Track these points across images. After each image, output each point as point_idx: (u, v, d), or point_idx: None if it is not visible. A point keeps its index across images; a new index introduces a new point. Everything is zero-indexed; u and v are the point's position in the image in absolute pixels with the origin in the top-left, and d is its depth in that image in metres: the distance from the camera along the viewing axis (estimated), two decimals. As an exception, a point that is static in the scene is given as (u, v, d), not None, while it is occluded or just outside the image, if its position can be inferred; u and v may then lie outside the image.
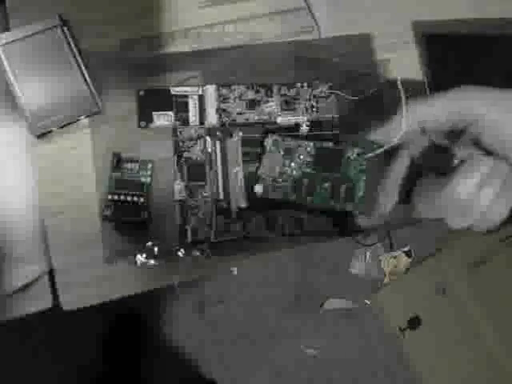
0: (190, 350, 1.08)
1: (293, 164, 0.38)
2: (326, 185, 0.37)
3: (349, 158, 0.37)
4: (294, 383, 1.12)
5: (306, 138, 0.40)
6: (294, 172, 0.37)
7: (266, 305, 1.12)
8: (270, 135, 0.38)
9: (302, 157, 0.38)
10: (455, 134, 0.33)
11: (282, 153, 0.38)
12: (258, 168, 0.38)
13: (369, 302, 1.15)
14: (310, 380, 1.12)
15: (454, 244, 1.09)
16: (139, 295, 0.40)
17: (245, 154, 0.39)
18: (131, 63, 0.41)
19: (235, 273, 1.11)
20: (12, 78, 0.39)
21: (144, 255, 0.38)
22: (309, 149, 0.38)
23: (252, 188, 0.38)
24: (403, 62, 0.44)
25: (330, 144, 0.37)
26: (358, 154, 0.37)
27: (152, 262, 0.39)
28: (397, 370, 1.13)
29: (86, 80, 0.39)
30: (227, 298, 1.11)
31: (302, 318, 1.13)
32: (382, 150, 0.35)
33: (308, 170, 0.37)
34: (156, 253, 0.39)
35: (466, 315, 1.04)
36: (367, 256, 1.16)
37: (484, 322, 1.02)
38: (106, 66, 0.41)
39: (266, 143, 0.38)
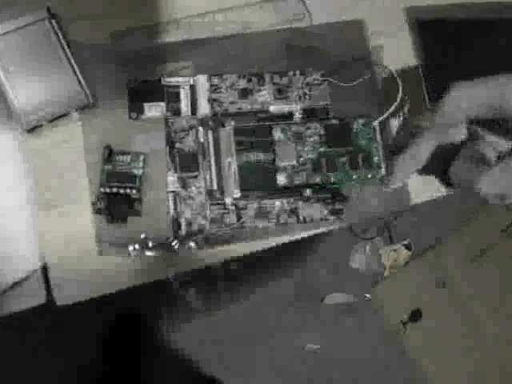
0: (190, 350, 1.08)
1: (306, 148, 0.38)
2: (344, 159, 0.38)
3: (356, 129, 0.39)
4: (294, 383, 1.11)
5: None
6: (310, 154, 0.38)
7: (266, 305, 1.12)
8: (276, 125, 0.39)
9: (312, 139, 0.38)
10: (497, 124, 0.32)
11: (292, 139, 0.38)
12: (274, 160, 0.38)
13: (369, 296, 1.15)
14: (310, 380, 1.12)
15: (454, 236, 1.09)
16: (139, 295, 0.40)
17: (238, 143, 0.39)
18: (122, 55, 0.41)
19: (235, 267, 1.10)
20: (1, 73, 0.38)
21: (137, 246, 0.38)
22: (317, 130, 0.39)
23: (247, 178, 0.38)
24: (397, 48, 0.43)
25: (334, 121, 0.39)
26: (363, 125, 0.39)
27: (147, 253, 0.38)
28: (397, 370, 1.12)
29: (76, 73, 0.39)
30: (227, 298, 1.11)
31: (302, 317, 1.13)
32: (384, 116, 0.38)
33: (323, 150, 0.39)
34: (150, 245, 0.38)
35: (467, 307, 1.04)
36: (367, 250, 1.15)
37: (484, 314, 1.02)
38: (97, 59, 0.40)
39: (274, 133, 0.38)
